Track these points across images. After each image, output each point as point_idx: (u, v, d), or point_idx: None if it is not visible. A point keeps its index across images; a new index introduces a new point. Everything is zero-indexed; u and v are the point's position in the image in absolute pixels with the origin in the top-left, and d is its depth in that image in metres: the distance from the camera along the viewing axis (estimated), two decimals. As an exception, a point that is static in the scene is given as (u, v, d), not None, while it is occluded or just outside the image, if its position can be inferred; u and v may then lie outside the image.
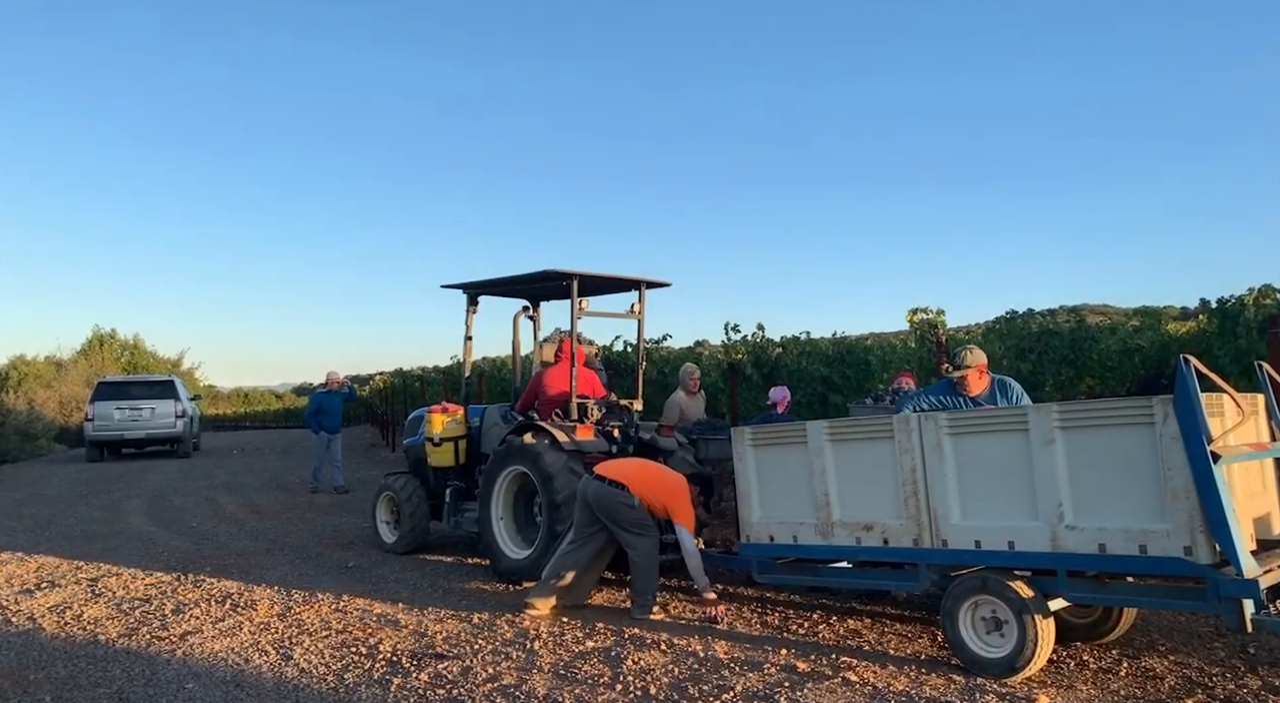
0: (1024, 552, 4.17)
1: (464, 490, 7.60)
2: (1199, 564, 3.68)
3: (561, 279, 6.94)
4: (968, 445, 4.38)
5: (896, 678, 4.20)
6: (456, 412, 7.69)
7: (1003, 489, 4.26)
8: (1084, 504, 4.01)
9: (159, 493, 13.26)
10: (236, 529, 9.65)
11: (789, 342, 10.06)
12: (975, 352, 5.38)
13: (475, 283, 7.61)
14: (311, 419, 13.17)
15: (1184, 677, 4.12)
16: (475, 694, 4.18)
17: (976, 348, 5.44)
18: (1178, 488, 3.73)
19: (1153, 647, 4.57)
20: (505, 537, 6.70)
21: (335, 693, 4.26)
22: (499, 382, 14.85)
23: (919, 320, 8.14)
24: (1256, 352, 5.89)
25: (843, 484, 4.86)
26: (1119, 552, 3.89)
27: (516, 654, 4.79)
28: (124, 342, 39.89)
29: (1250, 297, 6.36)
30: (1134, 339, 7.85)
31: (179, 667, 4.75)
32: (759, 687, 4.15)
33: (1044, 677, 4.15)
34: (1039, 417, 4.15)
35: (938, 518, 4.45)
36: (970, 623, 4.27)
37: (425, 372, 20.82)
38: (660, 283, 7.47)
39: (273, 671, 4.64)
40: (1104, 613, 4.58)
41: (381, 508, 8.19)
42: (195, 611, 5.94)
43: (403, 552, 7.84)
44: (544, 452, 6.31)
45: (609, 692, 4.15)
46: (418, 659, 4.73)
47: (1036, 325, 7.98)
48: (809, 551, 5.05)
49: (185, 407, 20.12)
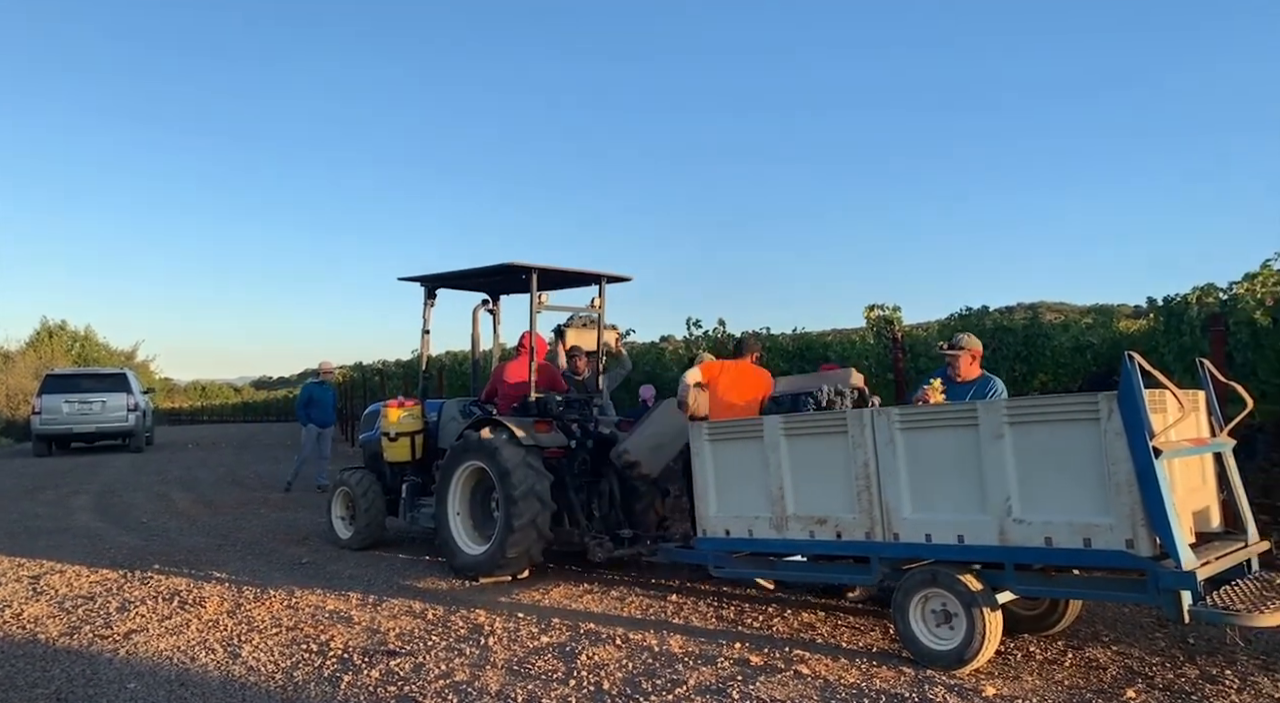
0: (973, 545, 4.23)
1: (420, 486, 7.52)
2: (1140, 557, 3.76)
3: (521, 273, 6.89)
4: (919, 440, 4.43)
5: (848, 671, 4.24)
6: (413, 406, 7.61)
7: (953, 484, 4.31)
8: (1031, 499, 4.08)
9: (109, 488, 12.95)
10: (188, 525, 9.45)
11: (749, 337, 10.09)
12: (972, 337, 5.46)
13: (433, 276, 7.52)
14: (301, 410, 12.48)
15: (1126, 667, 4.22)
16: (427, 691, 4.14)
17: (973, 336, 5.52)
18: (1121, 483, 3.80)
19: (1097, 638, 4.67)
20: (462, 532, 6.64)
21: (284, 691, 4.19)
22: (460, 376, 14.73)
23: (876, 317, 8.22)
24: (1200, 349, 6.03)
25: (797, 479, 4.89)
26: (1064, 545, 3.96)
27: (470, 650, 4.75)
28: (74, 333, 38.97)
29: (1194, 295, 6.50)
30: (1086, 336, 8.00)
31: (121, 666, 4.64)
32: (712, 681, 4.16)
33: (991, 668, 4.21)
34: (988, 412, 4.21)
35: (889, 512, 4.50)
36: (921, 616, 4.33)
37: (385, 365, 20.60)
38: (622, 277, 7.46)
39: (220, 669, 4.55)
40: (1050, 605, 4.66)
41: (337, 504, 8.07)
42: (141, 608, 5.81)
43: (358, 548, 7.74)
44: (501, 447, 6.26)
45: (562, 687, 4.14)
46: (369, 656, 4.68)
47: (991, 322, 8.10)
48: (764, 545, 5.07)
49: (138, 400, 19.69)
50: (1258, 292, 6.10)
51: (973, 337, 5.50)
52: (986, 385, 5.35)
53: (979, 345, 5.48)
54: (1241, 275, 6.25)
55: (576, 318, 7.91)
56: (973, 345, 5.42)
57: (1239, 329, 6.10)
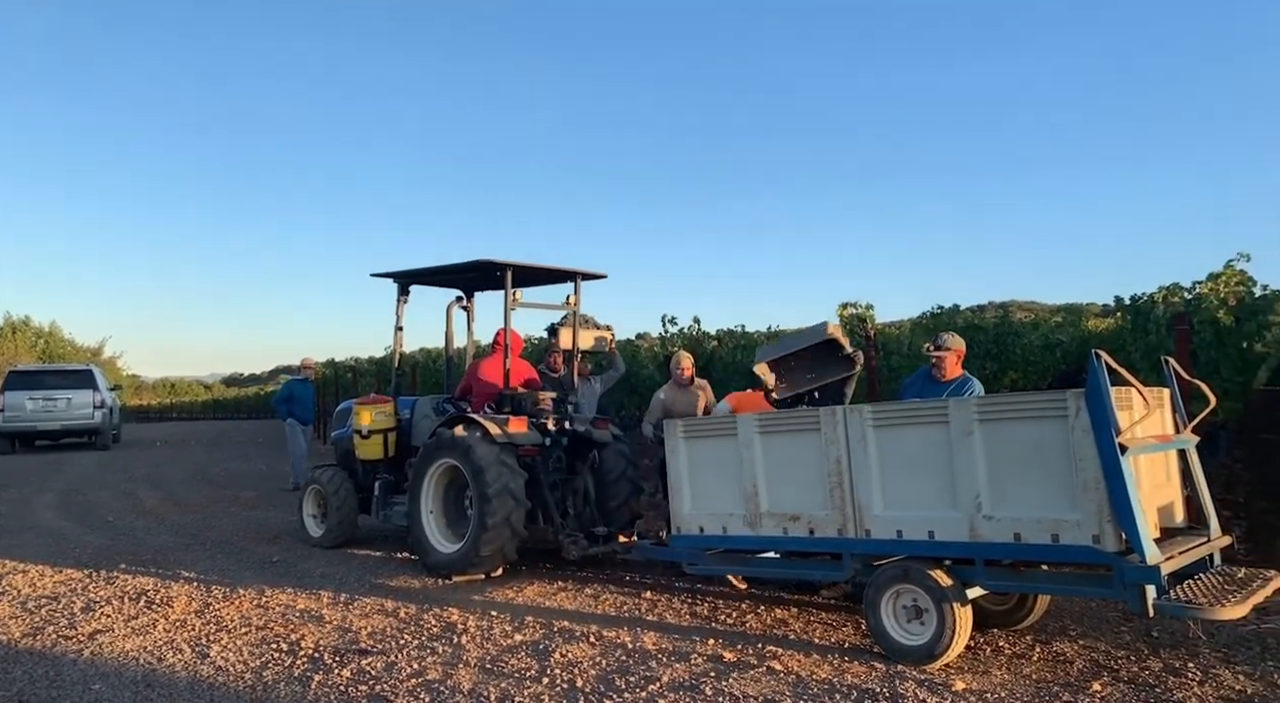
0: (944, 541, 4.27)
1: (393, 483, 7.47)
2: (1106, 552, 3.81)
3: (495, 270, 6.85)
4: (891, 438, 4.47)
5: (820, 667, 4.27)
6: (386, 404, 7.55)
7: (924, 481, 4.35)
8: (1001, 495, 4.12)
9: (74, 487, 12.72)
10: (156, 524, 9.31)
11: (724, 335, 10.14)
12: (955, 337, 5.51)
13: (406, 272, 7.46)
14: (282, 405, 12.32)
15: (1092, 660, 4.28)
16: (399, 690, 4.11)
17: (957, 336, 5.57)
18: (1088, 479, 3.85)
19: (1064, 632, 4.74)
20: (435, 531, 6.60)
21: (253, 691, 4.14)
22: (434, 373, 14.65)
23: (849, 315, 8.28)
24: (1165, 348, 6.13)
25: (771, 476, 4.91)
26: (1033, 541, 4.01)
27: (443, 649, 4.72)
28: (39, 330, 38.27)
29: (1160, 295, 6.61)
30: (1056, 335, 8.12)
31: (86, 667, 4.56)
32: (685, 677, 4.17)
33: (961, 663, 4.26)
34: (959, 410, 4.25)
35: (861, 509, 4.53)
36: (892, 612, 4.36)
37: (358, 362, 20.43)
38: (596, 274, 7.43)
39: (187, 669, 4.49)
40: (1019, 600, 4.72)
41: (308, 501, 7.99)
42: (106, 608, 5.71)
43: (329, 546, 7.66)
44: (475, 444, 6.23)
45: (535, 685, 4.13)
46: (341, 656, 4.63)
47: (962, 320, 8.19)
48: (738, 541, 5.09)
49: (104, 397, 19.39)
50: (1221, 291, 6.22)
51: (956, 336, 5.55)
52: (965, 385, 5.41)
53: (963, 345, 5.54)
54: (1206, 275, 6.36)
55: (570, 316, 7.85)
56: (957, 345, 5.47)
57: (1203, 328, 6.22)
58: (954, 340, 5.47)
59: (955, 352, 5.44)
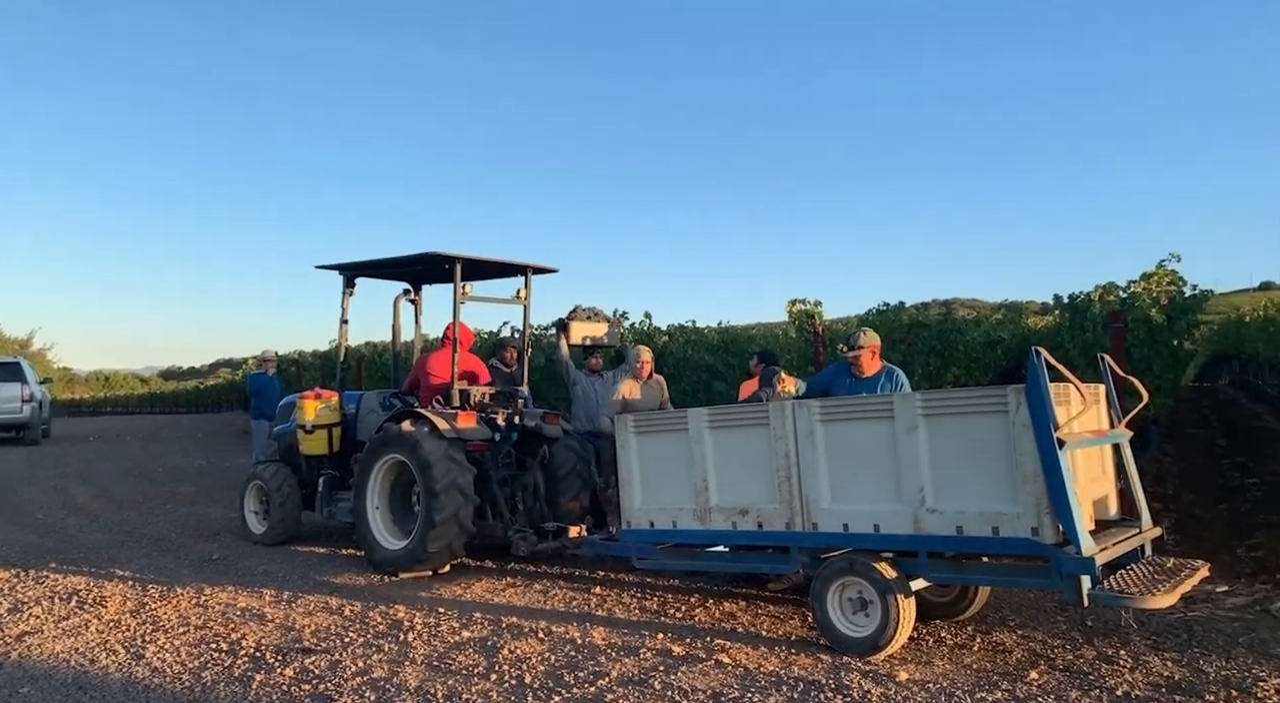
0: (889, 534, 4.34)
1: (338, 479, 7.33)
2: (1044, 544, 3.92)
3: (444, 262, 6.77)
4: (838, 432, 4.52)
5: (768, 659, 4.31)
6: (330, 398, 7.41)
7: (870, 475, 4.42)
8: (944, 488, 4.21)
9: (1, 483, 12.24)
10: (89, 521, 9.01)
11: (675, 330, 10.17)
12: (869, 333, 5.57)
13: (352, 264, 7.33)
14: (254, 404, 11.79)
15: (1030, 649, 4.40)
16: (343, 689, 4.04)
17: (870, 331, 5.63)
18: (1028, 472, 3.95)
19: (1003, 622, 4.86)
20: (381, 527, 6.50)
21: (191, 693, 4.04)
22: (380, 367, 14.41)
23: (798, 311, 8.37)
24: (1101, 345, 6.33)
25: (721, 470, 4.94)
26: (975, 533, 4.10)
27: (389, 647, 4.66)
28: (-37, 320, 36.69)
29: (1096, 294, 6.81)
30: (997, 332, 8.32)
31: (14, 670, 4.39)
32: (634, 672, 4.18)
33: (905, 654, 4.34)
34: (903, 404, 4.33)
35: (809, 502, 4.58)
36: (838, 604, 4.42)
37: (301, 356, 20.01)
38: (547, 268, 7.39)
39: (121, 671, 4.35)
40: (961, 592, 4.83)
41: (250, 498, 7.81)
42: (36, 609, 5.51)
43: (272, 543, 7.50)
44: (423, 439, 6.15)
45: (484, 682, 4.10)
46: (283, 655, 4.54)
47: (908, 318, 8.34)
48: (688, 536, 5.11)
49: (33, 390, 18.69)
50: (1153, 291, 6.44)
51: (869, 332, 5.62)
52: (892, 376, 5.52)
53: (876, 340, 5.61)
54: (1139, 275, 6.58)
55: (581, 310, 7.77)
56: (871, 342, 5.55)
57: (1136, 326, 6.43)
58: (866, 337, 5.55)
59: (870, 348, 5.53)
